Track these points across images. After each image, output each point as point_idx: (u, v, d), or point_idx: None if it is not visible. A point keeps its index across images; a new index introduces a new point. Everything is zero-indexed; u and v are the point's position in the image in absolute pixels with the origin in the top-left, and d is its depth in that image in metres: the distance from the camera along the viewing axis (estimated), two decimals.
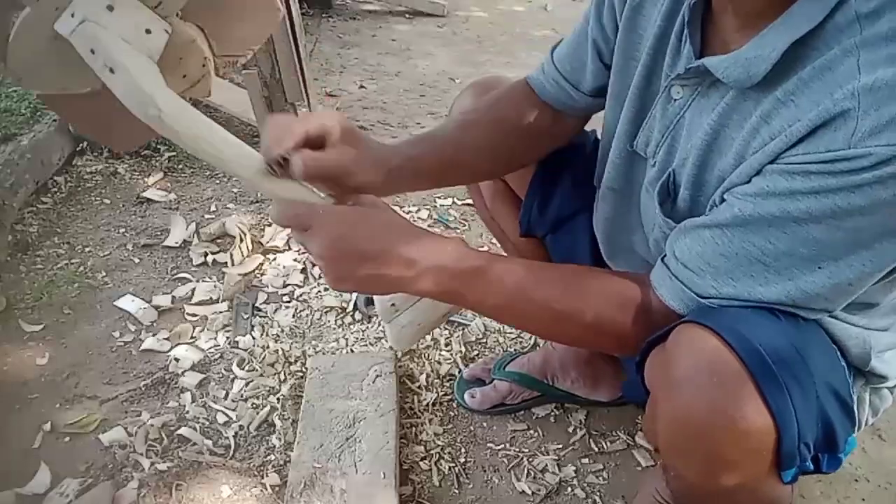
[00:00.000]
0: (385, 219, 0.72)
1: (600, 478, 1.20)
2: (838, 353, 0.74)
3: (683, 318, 0.69)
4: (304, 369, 1.37)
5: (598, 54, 0.93)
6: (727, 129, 0.70)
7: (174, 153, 2.12)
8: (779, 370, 0.62)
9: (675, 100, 0.77)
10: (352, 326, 1.51)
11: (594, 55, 0.93)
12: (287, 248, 1.75)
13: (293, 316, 1.54)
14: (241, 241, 1.72)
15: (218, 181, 2.04)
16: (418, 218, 1.91)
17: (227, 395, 1.34)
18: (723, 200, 0.69)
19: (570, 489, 1.18)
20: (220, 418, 1.29)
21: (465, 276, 0.71)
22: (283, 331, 1.50)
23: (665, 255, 0.74)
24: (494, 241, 1.39)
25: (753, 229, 0.64)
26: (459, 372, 1.37)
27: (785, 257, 0.64)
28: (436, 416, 1.30)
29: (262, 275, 1.66)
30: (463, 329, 1.50)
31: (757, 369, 0.61)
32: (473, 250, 0.74)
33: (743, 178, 0.66)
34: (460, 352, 1.43)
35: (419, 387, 1.35)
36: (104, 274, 1.65)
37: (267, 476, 1.17)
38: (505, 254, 1.30)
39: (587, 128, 1.15)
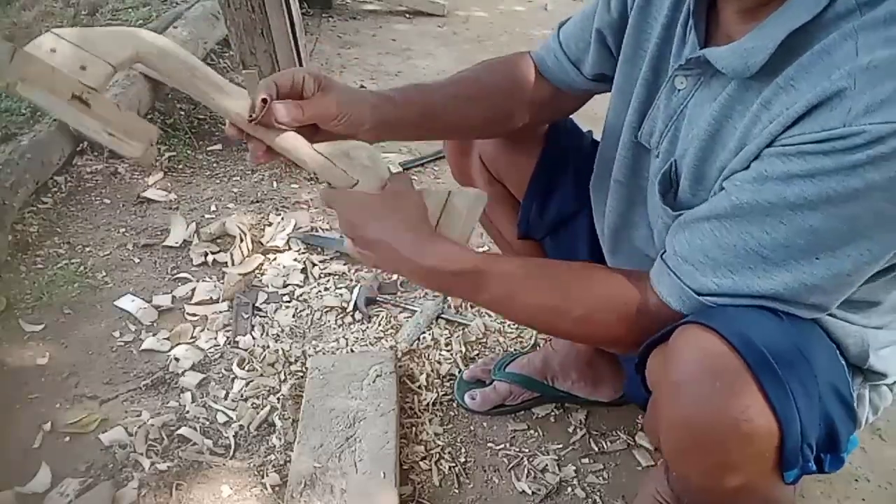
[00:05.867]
0: (397, 211, 0.78)
1: (600, 478, 1.20)
2: (837, 352, 0.74)
3: (685, 319, 0.68)
4: (304, 369, 1.37)
5: (602, 41, 0.93)
6: (730, 119, 0.70)
7: (174, 153, 2.12)
8: (782, 371, 0.61)
9: (679, 90, 0.77)
10: (352, 326, 1.51)
11: (598, 41, 0.93)
12: (287, 248, 1.75)
13: (293, 316, 1.54)
14: (241, 240, 1.72)
15: (218, 181, 2.04)
16: None
17: (227, 394, 1.34)
18: (722, 189, 0.68)
19: (570, 489, 1.18)
20: (221, 418, 1.29)
21: (456, 279, 0.77)
22: (283, 331, 1.50)
23: (664, 252, 0.74)
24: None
25: (751, 219, 0.64)
26: (459, 372, 1.37)
27: (782, 248, 0.64)
28: (436, 415, 1.30)
29: (262, 275, 1.66)
30: (463, 329, 1.49)
31: (760, 370, 0.61)
32: (468, 252, 0.78)
33: (742, 164, 0.66)
34: (460, 352, 1.43)
35: (419, 387, 1.35)
36: (104, 274, 1.65)
37: (267, 476, 1.17)
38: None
39: (585, 128, 1.15)
